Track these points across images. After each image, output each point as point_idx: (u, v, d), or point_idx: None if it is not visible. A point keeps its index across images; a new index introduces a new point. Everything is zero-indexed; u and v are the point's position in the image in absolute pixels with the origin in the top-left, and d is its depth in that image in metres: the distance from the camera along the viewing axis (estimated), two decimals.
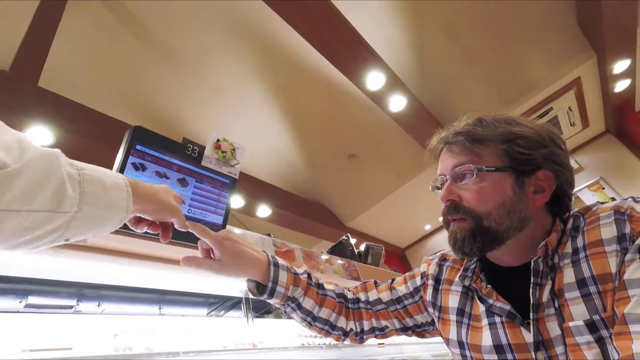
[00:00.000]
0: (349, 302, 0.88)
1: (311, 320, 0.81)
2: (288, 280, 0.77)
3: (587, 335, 0.54)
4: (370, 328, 0.86)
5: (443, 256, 0.84)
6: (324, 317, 0.82)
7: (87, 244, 0.91)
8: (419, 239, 7.14)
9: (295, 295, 0.78)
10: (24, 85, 2.64)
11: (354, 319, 0.86)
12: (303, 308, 0.80)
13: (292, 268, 0.81)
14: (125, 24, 3.11)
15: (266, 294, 0.75)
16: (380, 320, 0.86)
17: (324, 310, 0.82)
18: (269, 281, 0.74)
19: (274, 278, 0.75)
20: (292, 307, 0.80)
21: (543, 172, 0.63)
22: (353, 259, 2.15)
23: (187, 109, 3.82)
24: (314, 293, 0.82)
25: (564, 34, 3.46)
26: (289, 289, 0.77)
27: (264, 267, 0.75)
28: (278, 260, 0.78)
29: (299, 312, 0.80)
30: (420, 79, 3.82)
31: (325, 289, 0.85)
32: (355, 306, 0.88)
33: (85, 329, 0.98)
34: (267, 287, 0.74)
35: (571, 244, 0.61)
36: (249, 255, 0.72)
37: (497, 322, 0.65)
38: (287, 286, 0.77)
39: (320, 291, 0.83)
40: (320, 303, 0.82)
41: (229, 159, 0.98)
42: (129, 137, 0.89)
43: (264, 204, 4.46)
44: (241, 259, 0.71)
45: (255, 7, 2.99)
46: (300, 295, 0.79)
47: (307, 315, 0.81)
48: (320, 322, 0.82)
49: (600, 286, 0.54)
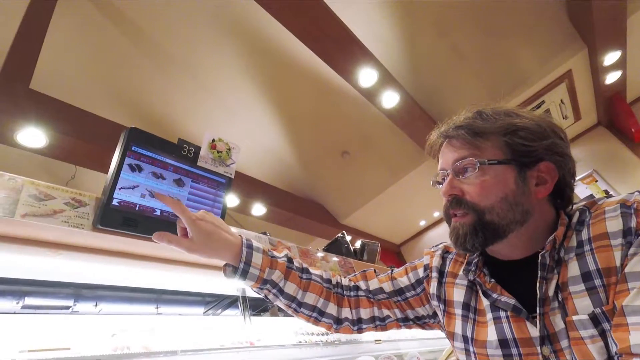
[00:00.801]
0: (341, 289, 0.85)
1: (296, 306, 0.79)
2: (263, 263, 0.75)
3: (591, 329, 0.53)
4: (371, 317, 0.83)
5: (446, 248, 0.83)
6: (310, 302, 0.79)
7: (84, 245, 0.92)
8: (413, 235, 7.19)
9: (273, 279, 0.75)
10: (16, 88, 2.63)
11: (351, 306, 0.83)
12: (285, 293, 0.77)
13: (270, 251, 0.79)
14: (115, 23, 3.09)
15: (238, 274, 0.72)
16: (382, 309, 0.83)
17: (310, 295, 0.79)
18: (240, 262, 0.72)
19: (246, 259, 0.73)
20: (273, 293, 0.77)
21: (545, 163, 0.63)
22: (349, 256, 2.17)
23: (178, 108, 3.81)
24: (296, 277, 0.79)
25: (554, 26, 3.48)
26: (265, 272, 0.74)
27: (237, 249, 0.73)
28: (253, 243, 0.76)
29: (282, 297, 0.77)
30: (412, 75, 3.83)
31: (310, 272, 0.82)
32: (353, 294, 0.85)
33: (83, 329, 0.98)
34: (239, 268, 0.72)
35: (576, 237, 0.60)
36: (222, 237, 0.71)
37: (502, 316, 0.64)
38: (263, 268, 0.74)
39: (304, 275, 0.80)
40: (305, 287, 0.79)
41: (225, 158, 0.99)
42: (124, 138, 0.90)
43: (258, 203, 4.47)
44: (213, 240, 0.70)
45: (245, 6, 2.98)
46: (280, 279, 0.76)
47: (291, 301, 0.78)
48: (307, 309, 0.80)
49: (605, 279, 0.54)
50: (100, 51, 3.22)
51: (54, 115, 2.79)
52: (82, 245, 0.92)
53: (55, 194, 0.83)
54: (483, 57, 3.76)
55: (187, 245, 0.68)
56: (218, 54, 3.48)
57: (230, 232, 0.74)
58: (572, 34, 3.50)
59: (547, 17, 3.42)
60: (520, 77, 3.91)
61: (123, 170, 0.89)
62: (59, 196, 0.83)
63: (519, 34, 3.54)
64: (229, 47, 3.44)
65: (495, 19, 3.44)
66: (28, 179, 0.80)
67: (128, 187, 0.90)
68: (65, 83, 3.15)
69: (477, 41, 3.62)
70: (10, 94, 2.58)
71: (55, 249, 0.87)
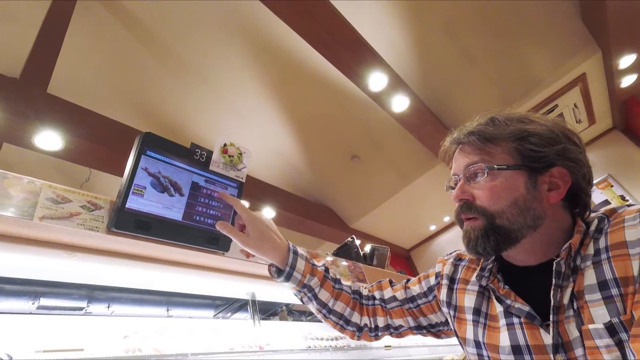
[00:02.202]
0: (363, 299, 0.91)
1: (326, 312, 0.86)
2: (305, 269, 0.83)
3: (607, 338, 0.52)
4: (385, 325, 0.89)
5: (458, 256, 0.84)
6: (339, 310, 0.86)
7: (98, 247, 0.93)
8: (423, 240, 7.12)
9: (311, 284, 0.83)
10: (34, 92, 2.70)
11: (369, 314, 0.89)
12: (319, 299, 0.85)
13: (311, 259, 0.87)
14: (129, 29, 3.16)
15: (283, 276, 0.81)
16: (394, 319, 0.88)
17: (339, 304, 0.86)
18: (287, 265, 0.81)
19: (292, 264, 0.81)
20: (308, 297, 0.85)
21: (557, 169, 0.63)
22: (358, 260, 2.16)
23: (189, 111, 3.86)
24: (330, 286, 0.86)
25: (567, 29, 3.43)
26: (306, 277, 0.83)
27: (284, 252, 0.82)
28: (298, 249, 0.85)
29: (315, 302, 0.85)
30: (422, 79, 3.82)
31: (341, 283, 0.89)
32: (370, 302, 0.91)
33: (96, 331, 1.00)
34: (284, 271, 0.81)
35: (593, 245, 0.60)
36: (273, 239, 0.80)
37: (516, 322, 0.64)
38: (304, 274, 0.82)
39: (336, 285, 0.88)
40: (336, 297, 0.86)
41: (236, 162, 1.00)
42: (139, 143, 0.91)
43: (268, 206, 4.49)
44: (264, 240, 0.79)
45: (256, 10, 3.02)
46: (317, 285, 0.84)
47: (322, 307, 0.85)
48: (335, 316, 0.87)
49: (622, 289, 0.53)
50: (115, 56, 3.30)
51: (70, 118, 2.86)
52: (96, 247, 0.94)
53: (72, 197, 0.84)
54: (495, 61, 3.72)
55: (242, 239, 0.77)
56: (229, 58, 3.53)
57: (279, 236, 0.84)
58: (586, 36, 3.45)
59: (560, 19, 3.37)
60: (532, 81, 3.85)
61: (137, 174, 0.90)
62: (75, 199, 0.85)
63: (531, 37, 3.50)
64: (239, 51, 3.48)
65: (507, 21, 3.41)
66: (46, 182, 0.82)
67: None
68: (80, 87, 3.22)
69: (489, 44, 3.59)
70: (28, 98, 2.65)
71: (70, 251, 0.89)
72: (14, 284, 1.04)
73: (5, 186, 0.76)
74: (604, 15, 2.96)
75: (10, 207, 0.74)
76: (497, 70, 3.80)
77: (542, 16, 3.35)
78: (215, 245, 1.04)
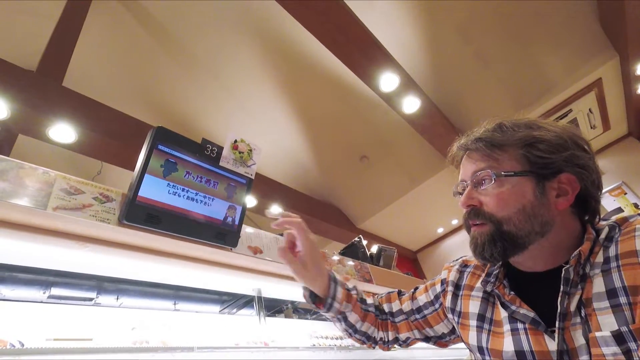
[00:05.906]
0: (380, 314, 0.95)
1: (352, 332, 0.89)
2: (342, 297, 0.84)
3: (614, 346, 0.52)
4: (394, 338, 0.92)
5: (464, 262, 0.85)
6: (364, 330, 0.89)
7: (109, 239, 0.95)
8: (431, 242, 7.07)
9: (345, 310, 0.86)
10: (49, 85, 2.75)
11: (383, 329, 0.93)
12: (348, 321, 0.87)
13: (345, 284, 0.88)
14: (143, 25, 3.19)
15: (325, 308, 0.83)
16: (400, 333, 0.91)
17: (366, 325, 0.89)
18: (329, 297, 0.82)
19: (332, 294, 0.83)
20: (338, 318, 0.87)
21: (566, 175, 0.62)
22: (365, 261, 2.15)
23: (200, 108, 3.89)
24: (358, 308, 0.88)
25: (584, 33, 3.37)
26: (342, 304, 0.84)
27: (326, 280, 0.82)
28: (336, 276, 0.86)
29: (344, 323, 0.87)
30: (434, 81, 3.78)
31: (367, 304, 0.92)
32: (383, 317, 0.94)
33: (105, 321, 1.02)
34: (326, 302, 0.82)
35: (603, 253, 0.59)
36: (321, 267, 0.81)
37: (520, 328, 0.64)
38: (341, 302, 0.84)
39: (363, 306, 0.90)
40: (363, 318, 0.89)
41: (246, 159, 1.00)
42: (151, 137, 0.92)
43: (275, 204, 4.50)
44: (315, 267, 0.79)
45: (269, 9, 3.02)
46: (349, 310, 0.86)
47: (350, 327, 0.88)
48: (360, 334, 0.89)
49: (631, 297, 0.52)
50: (129, 51, 3.34)
51: (84, 112, 2.91)
52: (107, 239, 0.95)
53: (85, 188, 0.86)
54: (508, 63, 3.68)
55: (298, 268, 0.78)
56: (241, 56, 3.55)
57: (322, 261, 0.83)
58: (603, 41, 3.38)
59: (576, 23, 3.31)
60: (546, 85, 3.79)
61: (148, 167, 0.91)
62: (88, 191, 0.86)
63: (547, 40, 3.45)
64: (251, 49, 3.50)
65: (521, 24, 3.36)
66: (60, 174, 0.83)
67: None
68: (95, 81, 3.27)
69: (502, 47, 3.55)
70: (44, 90, 2.70)
71: (82, 241, 0.90)
72: (26, 273, 1.06)
73: (21, 176, 0.77)
74: (623, 19, 2.90)
75: (25, 197, 0.76)
76: (510, 72, 3.75)
77: (559, 19, 3.29)
78: (222, 240, 1.05)
